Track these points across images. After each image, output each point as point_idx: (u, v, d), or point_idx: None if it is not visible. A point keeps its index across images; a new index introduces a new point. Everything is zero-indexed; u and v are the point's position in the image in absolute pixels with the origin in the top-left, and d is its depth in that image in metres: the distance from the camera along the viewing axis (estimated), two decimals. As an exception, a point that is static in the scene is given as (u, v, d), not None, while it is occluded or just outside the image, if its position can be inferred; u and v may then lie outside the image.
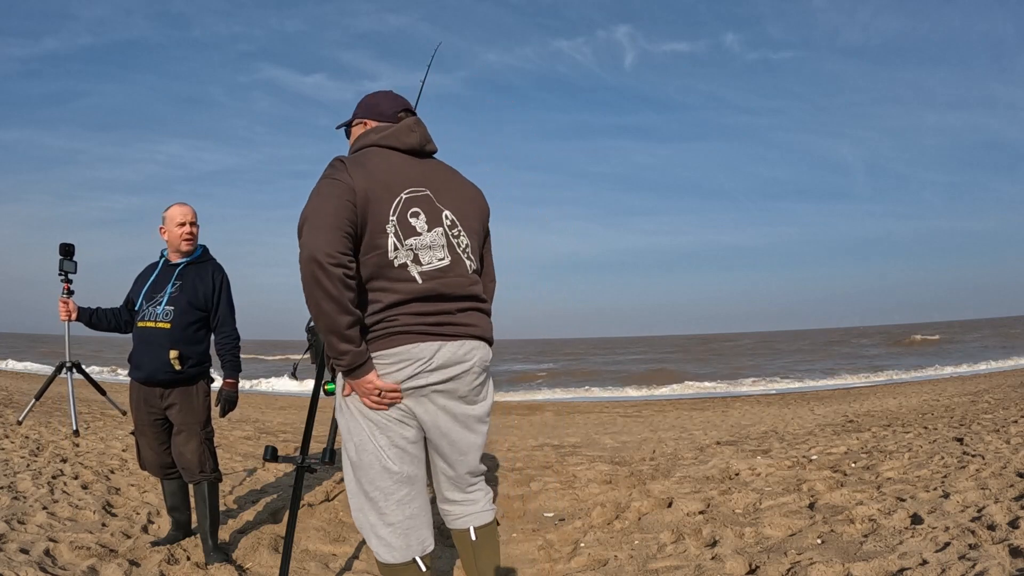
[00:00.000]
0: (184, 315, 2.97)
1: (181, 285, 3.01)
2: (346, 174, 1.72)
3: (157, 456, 3.09)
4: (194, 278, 3.04)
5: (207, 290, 3.04)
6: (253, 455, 5.76)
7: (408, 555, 1.82)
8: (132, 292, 3.14)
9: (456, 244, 1.83)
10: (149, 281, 3.06)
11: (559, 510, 4.02)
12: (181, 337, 2.96)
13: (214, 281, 3.08)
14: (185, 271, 3.05)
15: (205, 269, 3.09)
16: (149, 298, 3.02)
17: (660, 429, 8.32)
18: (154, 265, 3.15)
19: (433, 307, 1.77)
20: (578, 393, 18.62)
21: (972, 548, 2.47)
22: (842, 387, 17.16)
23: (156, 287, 3.04)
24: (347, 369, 1.72)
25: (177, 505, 3.20)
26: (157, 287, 3.03)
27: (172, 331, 2.95)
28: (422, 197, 1.80)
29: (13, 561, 2.69)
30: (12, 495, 3.69)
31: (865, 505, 3.24)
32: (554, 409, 13.24)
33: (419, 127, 1.89)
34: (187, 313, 2.98)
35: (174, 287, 3.00)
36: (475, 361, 1.83)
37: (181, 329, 2.97)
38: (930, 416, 7.06)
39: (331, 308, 1.63)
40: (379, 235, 1.73)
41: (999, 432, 5.02)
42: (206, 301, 3.04)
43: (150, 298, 3.02)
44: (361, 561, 3.12)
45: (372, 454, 1.79)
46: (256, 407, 12.13)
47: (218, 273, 3.12)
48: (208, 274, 3.08)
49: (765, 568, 2.61)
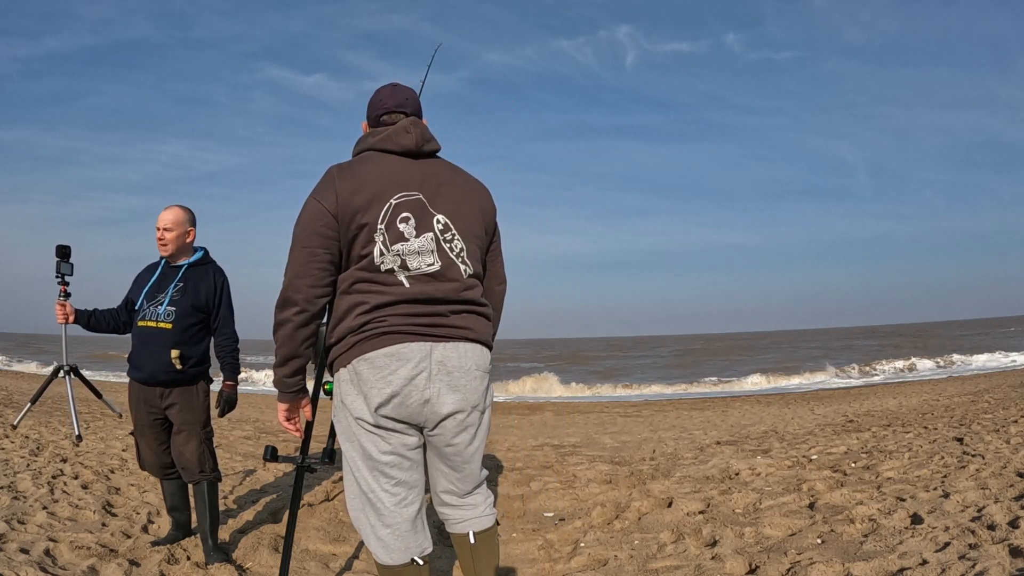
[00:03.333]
0: (185, 316, 2.99)
1: (183, 287, 3.03)
2: (331, 190, 1.75)
3: (157, 456, 3.09)
4: (196, 280, 3.06)
5: (209, 292, 3.07)
6: (253, 455, 5.77)
7: (406, 557, 1.81)
8: (132, 292, 3.14)
9: (448, 249, 1.80)
10: (151, 282, 3.07)
11: (559, 510, 4.02)
12: (182, 338, 2.98)
13: (215, 283, 3.11)
14: (188, 273, 3.06)
15: (207, 271, 3.11)
16: (151, 298, 3.03)
17: (660, 429, 8.32)
18: (155, 266, 3.14)
19: (423, 309, 1.76)
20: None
21: (972, 548, 2.47)
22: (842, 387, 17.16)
23: (158, 288, 3.04)
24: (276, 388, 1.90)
25: (177, 505, 3.20)
26: (159, 288, 3.04)
27: (173, 331, 2.97)
28: (413, 201, 1.78)
29: (13, 561, 2.69)
30: (12, 495, 3.69)
31: (865, 505, 3.24)
32: (554, 409, 13.24)
33: (416, 127, 1.85)
34: (188, 314, 3.00)
35: (176, 288, 3.02)
36: (471, 365, 1.80)
37: (182, 330, 2.99)
38: (930, 416, 7.06)
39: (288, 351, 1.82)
40: (366, 243, 1.74)
41: (999, 432, 5.02)
42: (207, 303, 3.06)
43: (152, 298, 3.02)
44: (361, 561, 3.12)
45: (371, 458, 1.78)
46: (256, 407, 12.13)
47: (219, 276, 3.15)
48: (210, 276, 3.10)
49: (765, 568, 2.61)
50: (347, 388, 1.79)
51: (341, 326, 1.78)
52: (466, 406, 1.80)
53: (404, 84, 1.98)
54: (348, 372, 1.77)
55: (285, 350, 1.81)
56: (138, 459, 3.17)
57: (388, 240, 1.74)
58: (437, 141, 1.90)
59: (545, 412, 12.40)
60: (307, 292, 1.76)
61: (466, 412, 1.81)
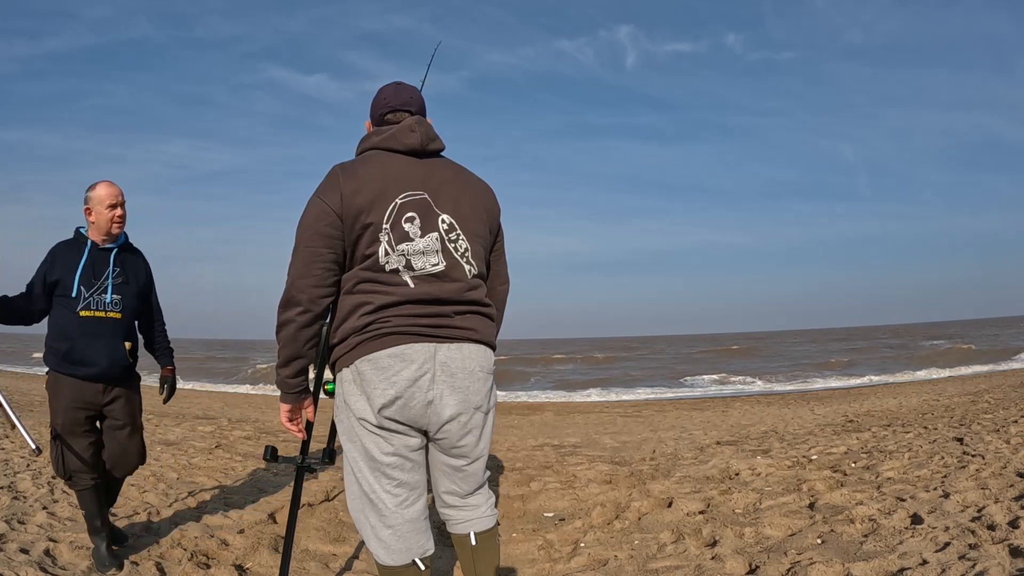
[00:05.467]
0: (132, 305, 2.86)
1: (122, 272, 2.84)
2: (336, 190, 1.74)
3: (88, 458, 2.79)
4: (132, 266, 2.89)
5: (145, 278, 2.95)
6: (253, 455, 5.77)
7: (407, 557, 1.80)
8: (54, 275, 2.74)
9: (453, 249, 1.79)
10: (81, 266, 2.76)
11: (559, 510, 4.02)
12: (131, 328, 2.87)
13: (147, 268, 2.97)
14: (121, 258, 2.86)
15: (138, 256, 2.95)
16: (88, 285, 2.75)
17: (660, 429, 8.32)
18: (76, 245, 2.81)
19: (428, 309, 1.75)
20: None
21: (972, 548, 2.47)
22: (842, 387, 17.16)
23: (93, 273, 2.77)
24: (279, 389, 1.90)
25: (103, 514, 2.87)
26: (94, 273, 2.77)
27: (123, 322, 2.82)
28: (419, 201, 1.78)
29: (13, 561, 2.69)
30: (12, 495, 3.69)
31: (865, 505, 3.24)
32: (554, 409, 13.25)
33: (420, 126, 1.83)
34: (134, 302, 2.87)
35: (116, 275, 2.82)
36: (474, 366, 1.79)
37: (130, 320, 2.86)
38: (930, 416, 7.06)
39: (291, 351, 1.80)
40: (371, 243, 1.73)
41: (999, 432, 5.03)
42: (147, 289, 2.96)
43: (90, 285, 2.75)
44: (361, 561, 3.12)
45: (373, 459, 1.77)
46: (256, 407, 12.14)
47: (146, 261, 3.00)
48: (141, 261, 2.96)
49: (765, 568, 2.62)
50: (350, 388, 1.78)
51: (345, 326, 1.77)
52: (467, 408, 1.79)
53: (408, 83, 1.97)
54: (351, 372, 1.77)
55: (288, 350, 1.81)
56: (60, 465, 2.78)
57: (393, 240, 1.74)
58: (441, 140, 1.89)
59: (545, 412, 12.41)
60: (311, 292, 1.75)
61: (468, 414, 1.80)
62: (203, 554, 3.05)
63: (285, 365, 1.84)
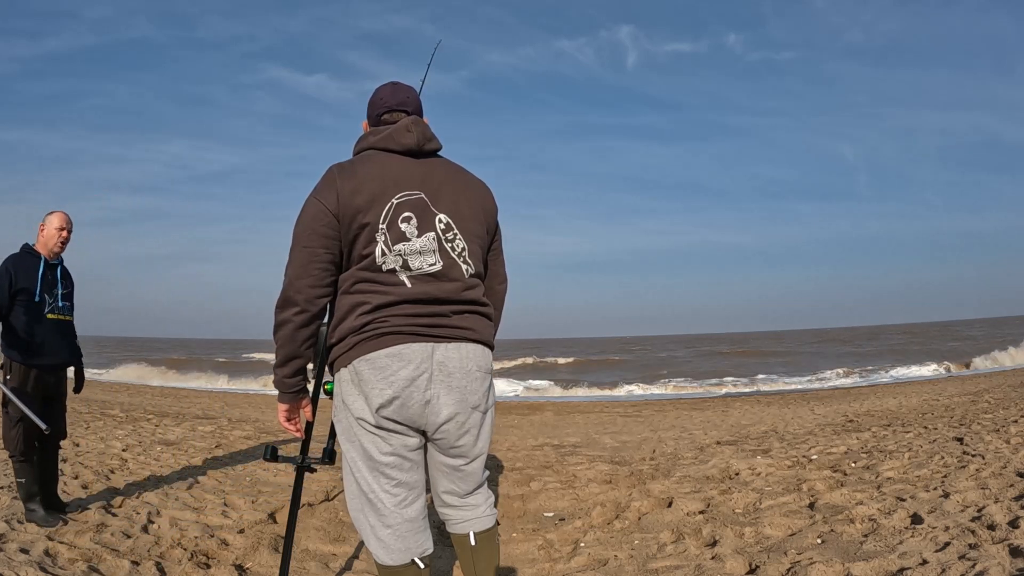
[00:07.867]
0: (73, 309, 3.62)
1: (67, 283, 3.58)
2: (332, 190, 1.74)
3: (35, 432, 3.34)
4: (70, 278, 3.63)
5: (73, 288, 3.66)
6: (253, 455, 5.77)
7: (407, 557, 1.80)
8: (19, 283, 3.35)
9: (451, 249, 1.80)
10: (40, 276, 3.41)
11: (559, 510, 4.02)
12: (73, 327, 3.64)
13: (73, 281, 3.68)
14: (64, 271, 3.59)
15: (68, 271, 3.64)
16: (49, 293, 3.45)
17: (660, 429, 8.32)
18: (30, 258, 3.44)
19: (425, 309, 1.75)
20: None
21: (972, 548, 2.47)
22: (842, 387, 17.17)
23: (49, 283, 3.46)
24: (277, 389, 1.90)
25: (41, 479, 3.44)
26: (50, 283, 3.46)
27: (72, 323, 3.62)
28: (415, 201, 1.78)
29: (13, 561, 2.69)
30: (12, 495, 3.69)
31: (865, 505, 3.24)
32: (554, 409, 13.25)
33: (417, 126, 1.84)
34: (73, 307, 3.61)
35: (64, 285, 3.55)
36: (472, 366, 1.79)
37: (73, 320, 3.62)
38: (930, 416, 7.06)
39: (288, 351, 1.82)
40: (368, 243, 1.73)
41: (999, 432, 5.03)
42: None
43: (50, 293, 3.45)
44: (361, 561, 3.12)
45: (371, 458, 1.77)
46: (256, 407, 12.14)
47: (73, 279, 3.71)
48: (71, 275, 3.65)
49: (765, 568, 2.62)
50: (348, 388, 1.78)
51: (342, 326, 1.77)
52: (465, 407, 1.79)
53: (405, 83, 1.98)
54: (349, 372, 1.77)
55: (286, 350, 1.81)
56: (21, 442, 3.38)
57: (390, 240, 1.74)
58: (438, 140, 1.89)
59: (545, 412, 12.41)
60: (308, 292, 1.76)
61: (465, 414, 1.80)
62: (203, 554, 3.05)
63: (282, 365, 1.84)
